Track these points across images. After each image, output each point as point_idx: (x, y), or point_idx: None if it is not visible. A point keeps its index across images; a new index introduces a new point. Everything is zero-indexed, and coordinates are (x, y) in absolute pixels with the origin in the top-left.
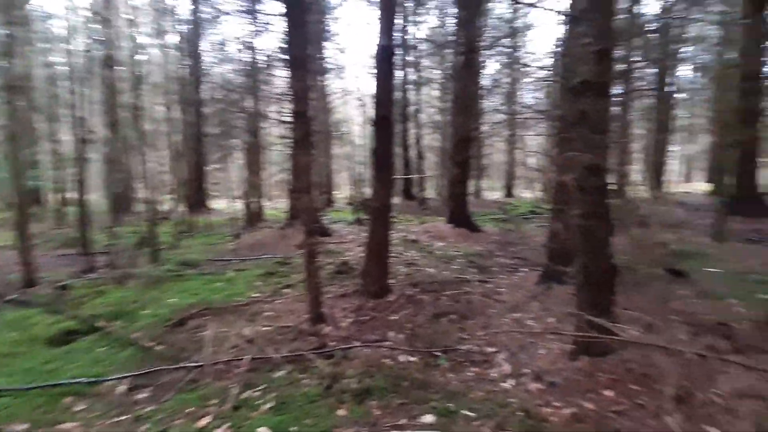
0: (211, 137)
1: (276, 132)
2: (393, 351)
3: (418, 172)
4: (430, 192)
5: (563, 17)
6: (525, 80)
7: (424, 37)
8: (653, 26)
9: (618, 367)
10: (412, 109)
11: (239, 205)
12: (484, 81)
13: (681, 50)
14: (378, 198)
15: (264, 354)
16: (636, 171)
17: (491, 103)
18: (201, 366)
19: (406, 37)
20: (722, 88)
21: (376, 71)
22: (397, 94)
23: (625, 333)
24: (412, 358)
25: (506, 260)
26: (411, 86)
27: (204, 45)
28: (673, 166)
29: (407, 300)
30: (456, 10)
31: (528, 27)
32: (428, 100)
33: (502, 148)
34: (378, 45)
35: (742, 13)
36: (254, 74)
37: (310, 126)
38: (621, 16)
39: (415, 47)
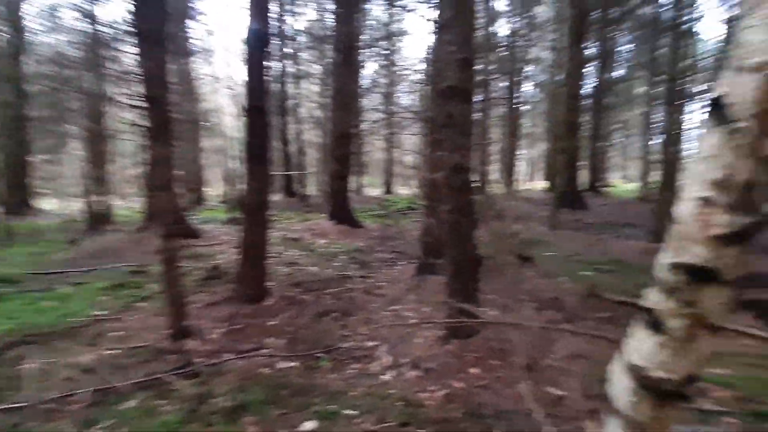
0: (37, 121)
1: (127, 118)
2: (271, 358)
3: (299, 169)
4: (312, 188)
5: (433, 25)
6: (401, 83)
7: (303, 29)
8: (504, 44)
9: (481, 346)
10: (291, 102)
11: (79, 205)
12: (364, 80)
13: (525, 69)
14: (253, 194)
15: (108, 383)
16: (494, 171)
17: (370, 102)
18: (24, 407)
19: (283, 26)
20: (553, 104)
21: (247, 57)
22: (276, 87)
23: (486, 315)
24: (292, 364)
25: (386, 255)
26: (290, 79)
27: (28, 9)
28: (521, 167)
29: (288, 302)
30: (334, 6)
31: (403, 32)
32: (308, 94)
33: (381, 146)
34: (249, 28)
35: (568, 42)
36: (95, 48)
37: (169, 113)
38: (480, 31)
39: (293, 38)
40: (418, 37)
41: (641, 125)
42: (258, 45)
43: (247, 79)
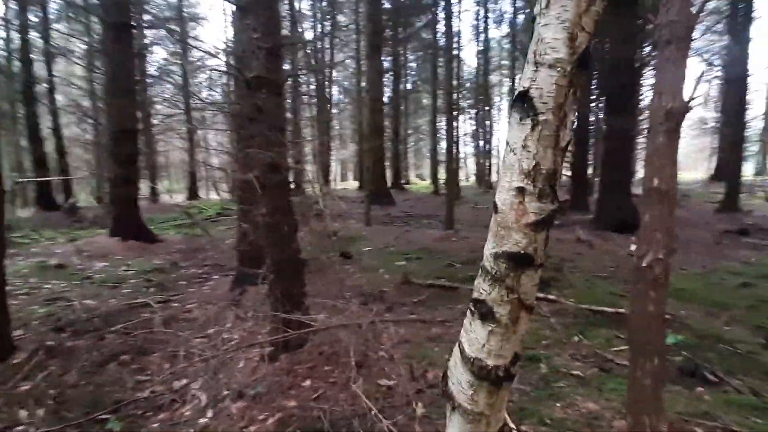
0: None
1: None
2: None
3: (61, 173)
4: (84, 198)
5: (233, 8)
6: (200, 72)
7: None
8: (311, 42)
9: (313, 354)
10: (43, 87)
11: None
12: (151, 66)
13: (332, 72)
14: None
15: None
16: (309, 169)
17: (161, 93)
18: None
19: None
20: (359, 108)
21: None
22: (16, 65)
23: (314, 321)
24: None
25: (195, 270)
26: (39, 57)
27: None
28: (334, 167)
29: (49, 354)
30: None
31: (196, 16)
32: (68, 77)
33: (181, 145)
34: None
35: (367, 52)
36: None
37: None
38: (286, 23)
39: (41, 4)
40: (217, 21)
41: (430, 130)
42: None
43: None
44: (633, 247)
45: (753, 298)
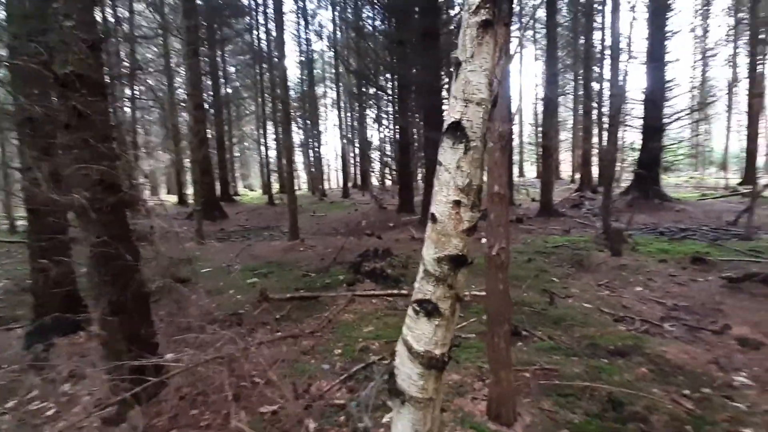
0: None
1: None
2: None
3: None
4: None
5: None
6: None
7: None
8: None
9: (172, 401)
10: None
11: None
12: None
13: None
14: None
15: None
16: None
17: None
18: None
19: None
20: (173, 112)
21: None
22: None
23: (167, 362)
24: None
25: None
26: None
27: None
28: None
29: None
30: None
31: None
32: None
33: None
34: None
35: (185, 52)
36: None
37: None
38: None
39: None
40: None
41: (257, 139)
42: None
43: None
44: (483, 241)
45: (536, 269)
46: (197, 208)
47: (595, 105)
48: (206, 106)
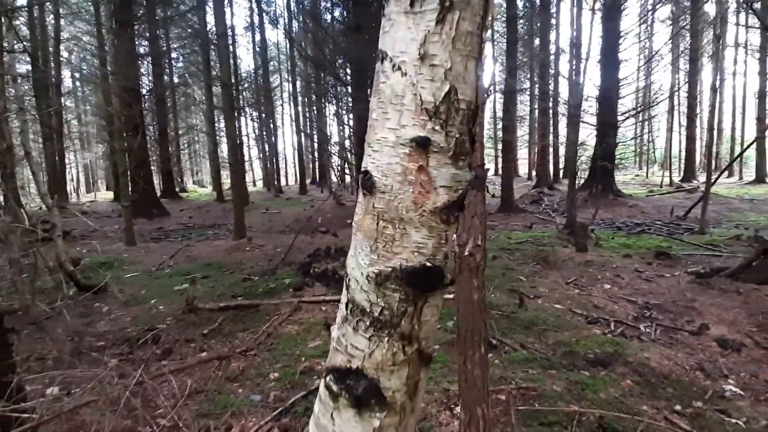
0: None
1: None
2: None
3: None
4: None
5: None
6: None
7: None
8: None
9: None
10: None
11: None
12: None
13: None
14: None
15: None
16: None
17: None
18: None
19: None
20: (107, 98)
21: None
22: None
23: (56, 404)
24: None
25: None
26: None
27: None
28: (76, 176)
29: None
30: None
31: None
32: None
33: None
34: None
35: (113, 29)
36: None
37: None
38: None
39: None
40: None
41: (208, 130)
42: None
43: None
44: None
45: (502, 267)
46: (125, 203)
47: (551, 102)
48: (145, 92)
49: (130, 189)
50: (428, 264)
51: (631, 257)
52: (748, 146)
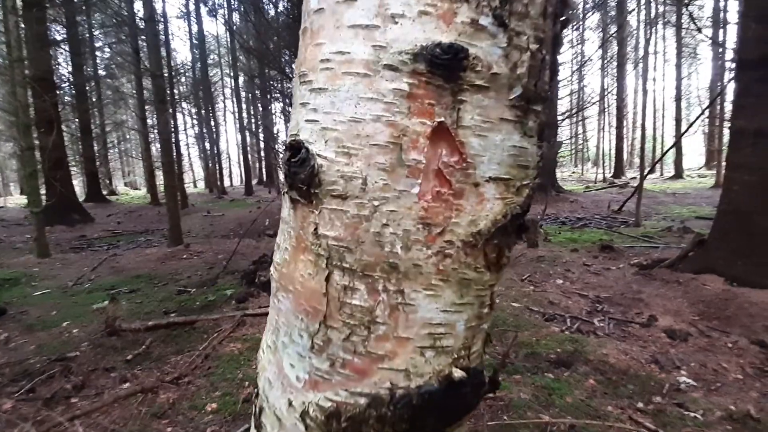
0: None
1: None
2: None
3: None
4: None
5: None
6: None
7: None
8: None
9: None
10: None
11: None
12: None
13: None
14: None
15: None
16: None
17: None
18: None
19: None
20: (13, 88)
21: None
22: None
23: None
24: None
25: None
26: None
27: None
28: None
29: None
30: None
31: None
32: None
33: None
34: None
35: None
36: None
37: None
38: None
39: None
40: None
41: (138, 126)
42: None
43: None
44: None
45: None
46: (35, 209)
47: None
48: (65, 83)
49: (44, 192)
50: (456, 374)
51: (578, 251)
52: (674, 145)
